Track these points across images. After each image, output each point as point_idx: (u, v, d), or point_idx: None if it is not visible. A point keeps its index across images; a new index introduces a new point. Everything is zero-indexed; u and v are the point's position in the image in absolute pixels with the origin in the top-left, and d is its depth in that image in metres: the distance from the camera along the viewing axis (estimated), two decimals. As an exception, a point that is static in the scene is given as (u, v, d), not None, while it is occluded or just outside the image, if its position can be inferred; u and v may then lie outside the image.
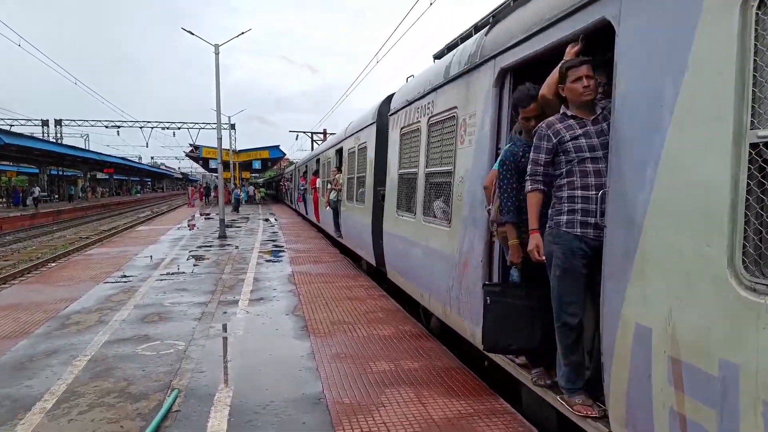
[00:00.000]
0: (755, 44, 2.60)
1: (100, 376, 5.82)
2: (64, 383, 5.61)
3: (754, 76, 2.60)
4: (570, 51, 4.10)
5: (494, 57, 5.44)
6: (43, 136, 55.07)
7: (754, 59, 2.60)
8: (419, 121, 7.67)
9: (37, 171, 57.63)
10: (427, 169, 7.34)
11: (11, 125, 54.65)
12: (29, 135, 44.06)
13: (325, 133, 51.13)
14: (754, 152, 2.58)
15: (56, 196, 57.47)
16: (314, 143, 52.52)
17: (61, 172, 61.32)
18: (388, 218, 9.47)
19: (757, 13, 2.59)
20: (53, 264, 17.09)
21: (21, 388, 5.51)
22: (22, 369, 6.06)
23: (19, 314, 8.50)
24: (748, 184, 2.62)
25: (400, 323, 7.99)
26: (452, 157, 6.40)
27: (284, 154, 52.99)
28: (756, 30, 2.60)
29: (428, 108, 7.34)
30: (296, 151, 67.35)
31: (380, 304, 9.24)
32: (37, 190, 46.37)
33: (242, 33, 21.57)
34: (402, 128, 8.61)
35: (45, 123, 57.42)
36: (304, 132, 54.71)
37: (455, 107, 6.41)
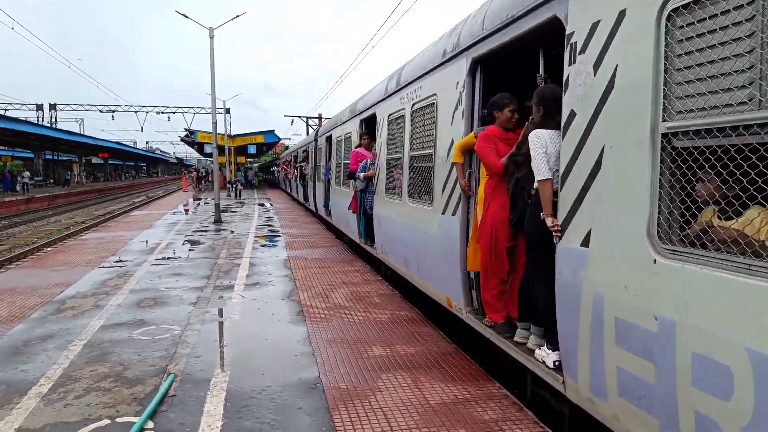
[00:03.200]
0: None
1: (95, 361, 5.81)
2: (59, 368, 5.60)
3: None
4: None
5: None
6: (38, 120, 54.80)
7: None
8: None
9: (32, 155, 57.38)
10: None
11: (5, 109, 54.41)
12: (24, 119, 43.75)
13: (320, 117, 50.90)
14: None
15: (51, 181, 57.21)
16: (309, 127, 52.29)
17: (56, 157, 61.02)
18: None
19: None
20: (48, 249, 17.02)
21: (16, 372, 5.50)
22: (17, 353, 6.05)
23: (14, 299, 8.48)
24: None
25: (396, 308, 7.99)
26: None
27: (279, 139, 52.75)
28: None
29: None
30: (292, 135, 67.09)
31: (376, 289, 9.24)
32: (27, 174, 46.00)
33: (237, 16, 21.40)
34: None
35: (39, 107, 57.16)
36: (300, 117, 54.45)
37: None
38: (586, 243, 3.80)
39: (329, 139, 17.44)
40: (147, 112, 58.52)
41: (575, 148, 3.93)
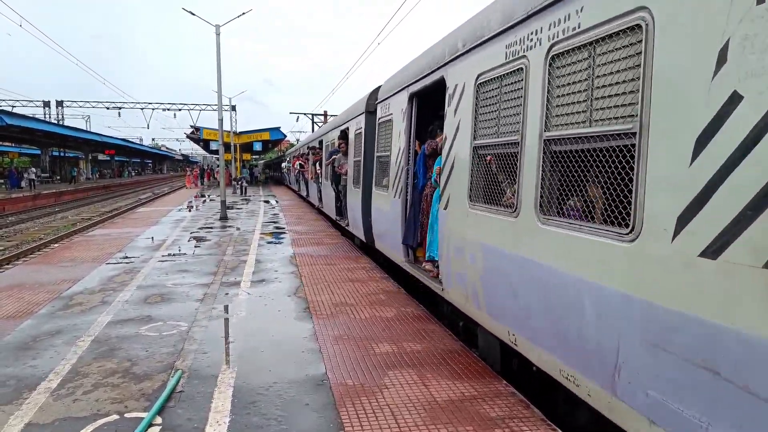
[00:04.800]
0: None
1: (103, 357, 5.85)
2: (68, 363, 5.64)
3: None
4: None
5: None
6: (45, 117, 54.98)
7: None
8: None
9: (39, 152, 57.55)
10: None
11: (13, 106, 54.56)
12: (31, 116, 43.89)
13: (325, 114, 50.87)
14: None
15: (58, 178, 57.39)
16: (314, 125, 52.24)
17: (62, 154, 61.25)
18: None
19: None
20: (56, 245, 17.10)
21: (26, 368, 5.54)
22: (26, 349, 6.09)
23: (22, 294, 8.52)
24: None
25: (402, 305, 8.01)
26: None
27: (285, 136, 52.77)
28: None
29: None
30: (298, 131, 67.01)
31: (382, 286, 9.25)
32: (33, 171, 46.12)
33: (243, 13, 21.42)
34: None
35: (47, 104, 57.35)
36: (305, 113, 54.47)
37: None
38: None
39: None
40: (153, 109, 58.72)
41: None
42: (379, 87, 11.52)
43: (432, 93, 7.87)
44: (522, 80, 4.90)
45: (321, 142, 21.50)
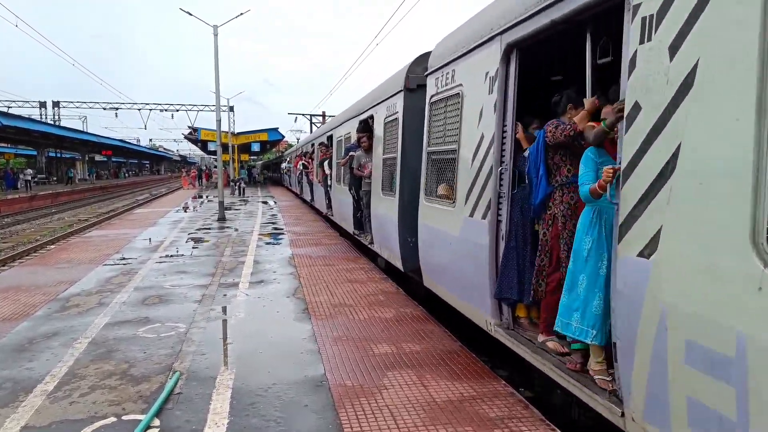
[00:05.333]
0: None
1: (101, 359, 5.81)
2: (65, 365, 5.61)
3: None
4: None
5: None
6: (41, 117, 54.84)
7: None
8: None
9: (35, 153, 57.42)
10: None
11: (9, 107, 54.43)
12: (27, 117, 43.80)
13: (324, 115, 50.84)
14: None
15: (54, 179, 57.26)
16: (313, 125, 52.20)
17: (59, 155, 61.16)
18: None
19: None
20: (52, 246, 17.05)
21: (22, 370, 5.50)
22: (22, 351, 6.05)
23: (19, 296, 8.48)
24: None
25: (401, 306, 7.98)
26: None
27: (283, 137, 52.72)
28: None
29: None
30: (297, 131, 66.94)
31: (381, 286, 9.23)
32: (29, 172, 45.99)
33: (241, 14, 21.38)
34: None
35: (43, 105, 57.19)
36: (303, 114, 54.45)
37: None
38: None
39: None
40: (150, 110, 58.52)
41: None
42: (427, 53, 8.23)
43: (546, 44, 5.23)
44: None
45: (330, 138, 18.04)
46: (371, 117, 11.51)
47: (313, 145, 23.78)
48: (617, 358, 3.69)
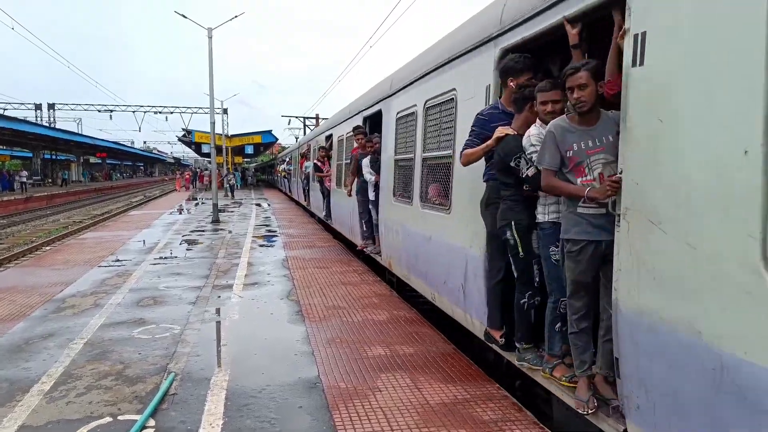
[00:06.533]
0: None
1: (96, 359, 5.84)
2: (61, 366, 5.64)
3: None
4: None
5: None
6: (36, 119, 54.69)
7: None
8: None
9: (30, 155, 57.25)
10: None
11: (4, 109, 54.29)
12: (22, 119, 43.67)
13: (317, 118, 50.80)
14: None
15: (49, 181, 57.09)
16: (306, 128, 52.15)
17: (54, 157, 60.98)
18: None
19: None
20: (48, 248, 17.04)
21: (18, 370, 5.53)
22: (19, 351, 6.08)
23: (15, 297, 8.50)
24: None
25: (394, 308, 8.03)
26: None
27: (276, 139, 52.76)
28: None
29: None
30: (288, 136, 66.99)
31: (374, 289, 9.28)
32: (24, 174, 45.90)
33: (236, 16, 21.42)
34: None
35: (38, 107, 57.05)
36: (297, 117, 54.38)
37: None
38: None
39: None
40: (145, 112, 58.40)
41: None
42: None
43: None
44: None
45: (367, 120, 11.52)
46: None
47: (330, 137, 16.67)
48: None
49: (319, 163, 16.97)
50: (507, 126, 4.74)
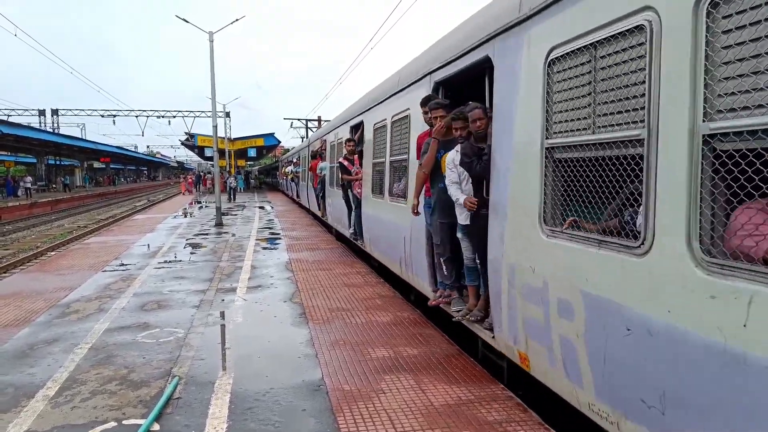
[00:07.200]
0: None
1: (101, 364, 5.86)
2: (66, 371, 5.65)
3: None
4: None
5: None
6: (40, 125, 54.86)
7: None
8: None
9: (34, 161, 57.43)
10: None
11: (8, 115, 54.44)
12: (26, 125, 43.83)
13: (319, 120, 50.81)
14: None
15: (54, 186, 57.23)
16: (309, 130, 52.10)
17: (58, 162, 61.15)
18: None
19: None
20: (53, 253, 17.10)
21: (23, 375, 5.55)
22: (24, 357, 6.10)
23: (20, 302, 8.53)
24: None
25: (398, 310, 8.03)
26: None
27: (279, 142, 52.71)
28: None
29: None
30: (291, 138, 67.00)
31: (378, 290, 9.28)
32: (29, 179, 46.04)
33: (236, 20, 21.44)
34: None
35: (42, 113, 57.20)
36: (299, 119, 54.35)
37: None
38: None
39: None
40: (148, 117, 58.52)
41: None
42: None
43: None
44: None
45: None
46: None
47: (360, 125, 12.38)
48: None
49: (346, 162, 12.41)
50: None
